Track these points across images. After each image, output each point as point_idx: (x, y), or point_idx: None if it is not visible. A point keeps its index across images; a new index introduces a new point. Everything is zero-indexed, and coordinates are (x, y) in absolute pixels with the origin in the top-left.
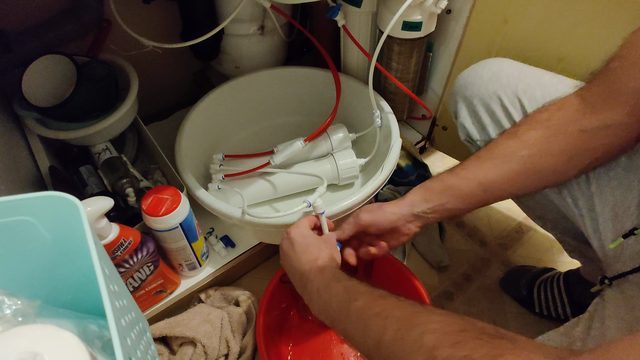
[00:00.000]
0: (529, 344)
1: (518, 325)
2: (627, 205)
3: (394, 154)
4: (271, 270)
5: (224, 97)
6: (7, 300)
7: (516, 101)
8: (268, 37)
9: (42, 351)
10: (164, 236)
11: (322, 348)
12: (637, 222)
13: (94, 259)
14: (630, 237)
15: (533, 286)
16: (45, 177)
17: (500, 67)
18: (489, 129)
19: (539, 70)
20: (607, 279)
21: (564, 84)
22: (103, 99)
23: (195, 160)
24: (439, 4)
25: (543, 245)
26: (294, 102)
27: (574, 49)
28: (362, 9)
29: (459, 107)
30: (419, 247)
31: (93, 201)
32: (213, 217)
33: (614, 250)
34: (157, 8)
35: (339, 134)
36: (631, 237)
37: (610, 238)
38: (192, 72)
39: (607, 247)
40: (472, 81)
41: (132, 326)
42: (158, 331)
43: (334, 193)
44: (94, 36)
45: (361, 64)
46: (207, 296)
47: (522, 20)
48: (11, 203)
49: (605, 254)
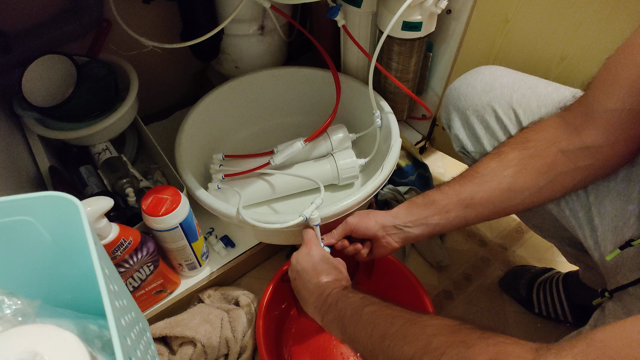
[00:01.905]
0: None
1: (518, 325)
2: (627, 217)
3: (394, 154)
4: (271, 270)
5: (224, 97)
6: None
7: (511, 112)
8: (268, 37)
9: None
10: (164, 236)
11: (322, 348)
12: (637, 233)
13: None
14: (630, 249)
15: (532, 287)
16: (45, 177)
17: (494, 76)
18: (484, 140)
19: (534, 79)
20: (607, 291)
21: (559, 93)
22: (103, 99)
23: (195, 160)
24: (439, 4)
25: (543, 245)
26: (294, 102)
27: (575, 48)
28: (362, 9)
29: (452, 119)
30: (419, 247)
31: (93, 201)
32: (213, 217)
33: (614, 262)
34: (157, 8)
35: (339, 134)
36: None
37: (609, 250)
38: (192, 72)
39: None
40: (465, 92)
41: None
42: (158, 331)
43: (334, 193)
44: (94, 36)
45: (361, 64)
46: (207, 296)
47: (524, 20)
48: (11, 203)
49: (605, 266)
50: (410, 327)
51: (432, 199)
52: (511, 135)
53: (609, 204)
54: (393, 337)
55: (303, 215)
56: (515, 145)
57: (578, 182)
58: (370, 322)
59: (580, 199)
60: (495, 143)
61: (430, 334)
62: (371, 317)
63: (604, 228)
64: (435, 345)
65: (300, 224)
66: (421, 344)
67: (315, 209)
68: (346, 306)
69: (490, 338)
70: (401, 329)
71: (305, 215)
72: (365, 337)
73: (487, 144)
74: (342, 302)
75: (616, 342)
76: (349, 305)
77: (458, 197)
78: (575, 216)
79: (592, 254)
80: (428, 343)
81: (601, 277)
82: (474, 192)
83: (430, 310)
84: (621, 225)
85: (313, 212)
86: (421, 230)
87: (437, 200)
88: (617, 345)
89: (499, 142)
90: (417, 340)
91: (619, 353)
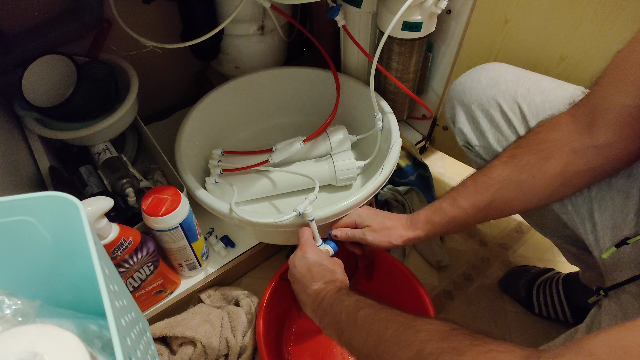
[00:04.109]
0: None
1: (518, 325)
2: (626, 213)
3: (394, 154)
4: (271, 270)
5: (224, 97)
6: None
7: (515, 107)
8: (268, 37)
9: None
10: (164, 236)
11: (322, 348)
12: (634, 230)
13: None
14: (626, 246)
15: (532, 287)
16: (45, 177)
17: (498, 72)
18: (488, 134)
19: (537, 75)
20: (602, 289)
21: (563, 89)
22: (103, 99)
23: (195, 160)
24: (439, 4)
25: (543, 245)
26: (294, 102)
27: (576, 48)
28: (362, 9)
29: (456, 113)
30: (418, 247)
31: (93, 201)
32: (213, 217)
33: (611, 260)
34: (157, 8)
35: (338, 135)
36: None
37: (607, 247)
38: (192, 72)
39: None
40: (470, 86)
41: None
42: (158, 331)
43: (331, 194)
44: (94, 36)
45: (361, 64)
46: (207, 296)
47: (524, 20)
48: (11, 203)
49: (604, 264)
50: (404, 331)
51: (451, 216)
52: (516, 129)
53: (609, 200)
54: (387, 342)
55: (297, 210)
56: (529, 148)
57: (589, 181)
58: (364, 326)
59: (583, 194)
60: (499, 137)
61: (423, 340)
62: (365, 321)
63: (604, 224)
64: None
65: (295, 222)
66: (414, 349)
67: (309, 205)
68: (341, 310)
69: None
70: (395, 333)
71: (299, 210)
72: (361, 341)
73: (492, 138)
74: (337, 306)
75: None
76: (343, 309)
77: (475, 209)
78: (578, 211)
79: (592, 251)
80: (421, 349)
81: (601, 277)
82: (492, 201)
83: (430, 310)
84: (619, 222)
85: (307, 208)
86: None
87: (455, 216)
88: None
89: (503, 136)
90: (410, 346)
91: None
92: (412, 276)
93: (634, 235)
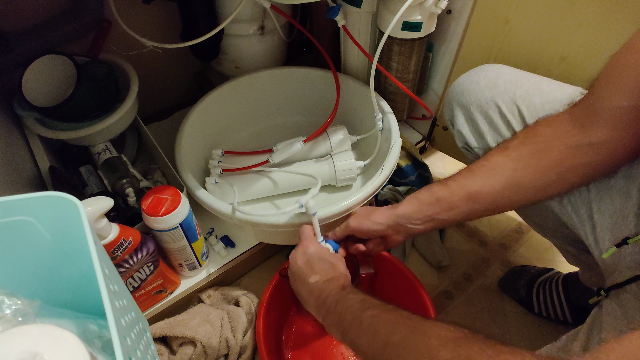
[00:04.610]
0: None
1: (518, 325)
2: (626, 214)
3: (394, 154)
4: (271, 270)
5: (224, 97)
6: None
7: (514, 108)
8: (268, 37)
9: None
10: (164, 236)
11: (322, 348)
12: (634, 231)
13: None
14: (627, 247)
15: (532, 287)
16: (45, 177)
17: (497, 73)
18: (487, 136)
19: (536, 77)
20: (602, 290)
21: (562, 90)
22: (103, 99)
23: (195, 160)
24: (439, 4)
25: (543, 245)
26: (294, 102)
27: (575, 49)
28: (362, 9)
29: (455, 114)
30: (418, 247)
31: (93, 201)
32: (213, 217)
33: (611, 260)
34: (157, 8)
35: (338, 135)
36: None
37: (607, 247)
38: (192, 72)
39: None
40: (469, 88)
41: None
42: (158, 331)
43: (331, 194)
44: (94, 36)
45: (361, 64)
46: (207, 296)
47: (524, 20)
48: (11, 203)
49: (604, 264)
50: (414, 336)
51: (438, 196)
52: (515, 131)
53: (608, 201)
54: (395, 347)
55: (299, 202)
56: (523, 140)
57: (583, 178)
58: (371, 328)
59: (582, 195)
60: (498, 139)
61: (434, 346)
62: (372, 322)
63: (603, 225)
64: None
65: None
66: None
67: (312, 198)
68: (345, 309)
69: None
70: (405, 338)
71: (301, 202)
72: (367, 343)
73: (491, 140)
74: (341, 305)
75: None
76: (348, 308)
77: (464, 192)
78: (577, 212)
79: (592, 252)
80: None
81: (601, 277)
82: (481, 186)
83: (430, 311)
84: (619, 223)
85: (309, 201)
86: (427, 226)
87: (443, 197)
88: None
89: (502, 137)
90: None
91: None
92: (412, 276)
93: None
